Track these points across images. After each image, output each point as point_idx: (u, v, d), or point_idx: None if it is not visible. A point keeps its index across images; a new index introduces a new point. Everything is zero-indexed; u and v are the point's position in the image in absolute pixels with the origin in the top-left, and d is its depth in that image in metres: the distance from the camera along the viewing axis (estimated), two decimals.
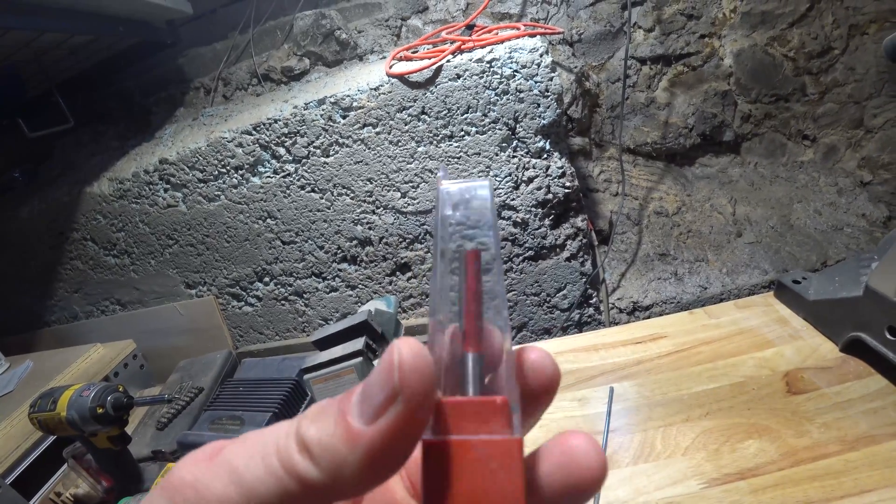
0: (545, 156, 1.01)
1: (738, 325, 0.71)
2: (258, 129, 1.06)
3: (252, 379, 0.77)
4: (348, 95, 1.01)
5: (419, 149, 1.02)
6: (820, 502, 0.48)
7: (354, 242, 1.13)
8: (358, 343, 0.70)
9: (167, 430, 0.87)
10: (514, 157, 1.01)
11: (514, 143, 1.00)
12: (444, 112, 0.99)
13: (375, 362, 0.75)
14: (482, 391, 0.16)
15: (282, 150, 1.07)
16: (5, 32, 0.97)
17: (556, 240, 1.06)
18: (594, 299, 1.12)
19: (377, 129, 1.02)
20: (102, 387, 0.67)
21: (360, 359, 0.69)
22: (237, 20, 1.37)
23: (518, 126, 0.99)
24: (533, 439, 0.17)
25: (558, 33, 1.18)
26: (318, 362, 0.71)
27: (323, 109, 1.02)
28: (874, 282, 0.55)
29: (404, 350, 0.14)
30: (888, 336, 0.55)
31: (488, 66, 0.96)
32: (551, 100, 0.97)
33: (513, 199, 1.04)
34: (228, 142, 1.08)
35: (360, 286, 1.17)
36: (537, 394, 0.18)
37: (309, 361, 0.73)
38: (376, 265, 1.14)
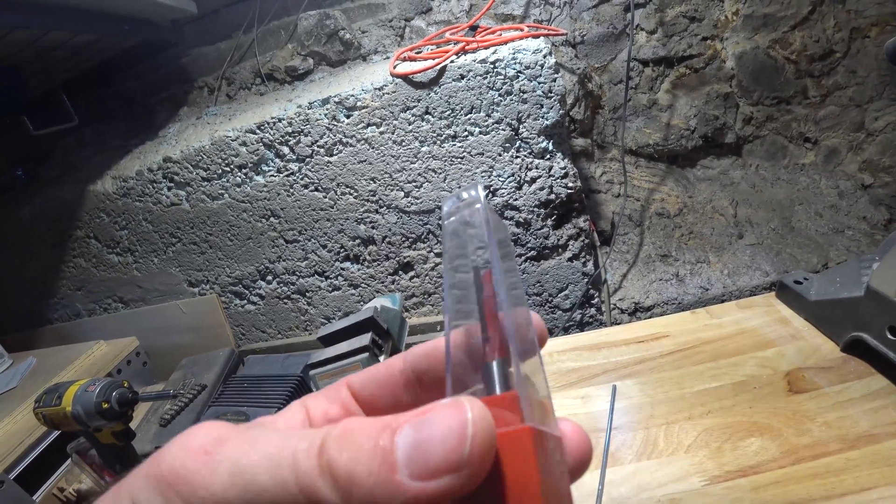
0: (548, 156, 1.02)
1: (740, 324, 0.72)
2: (262, 127, 1.07)
3: (256, 375, 0.77)
4: (352, 95, 1.01)
5: (423, 148, 1.03)
6: (821, 500, 0.48)
7: (357, 241, 1.13)
8: (364, 339, 0.71)
9: (170, 427, 0.88)
10: (517, 157, 1.01)
11: (518, 143, 1.01)
12: (448, 112, 1.00)
13: (381, 357, 0.75)
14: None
15: (285, 149, 1.07)
16: (10, 31, 0.97)
17: (558, 240, 1.07)
18: (596, 300, 1.13)
19: (381, 129, 1.03)
20: (108, 382, 0.67)
21: (366, 354, 0.69)
22: (241, 20, 1.38)
23: (521, 127, 0.99)
24: None
25: (561, 35, 1.19)
26: (324, 358, 0.72)
27: (327, 109, 1.03)
28: (875, 282, 0.56)
29: (478, 420, 0.14)
30: (889, 336, 0.55)
31: (492, 66, 0.96)
32: (554, 101, 0.98)
33: (515, 200, 1.04)
34: (232, 140, 1.09)
35: (362, 285, 1.18)
36: (570, 469, 0.17)
37: (315, 357, 0.73)
38: (379, 264, 1.14)
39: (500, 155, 1.01)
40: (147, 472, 0.14)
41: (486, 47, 0.98)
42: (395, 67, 1.02)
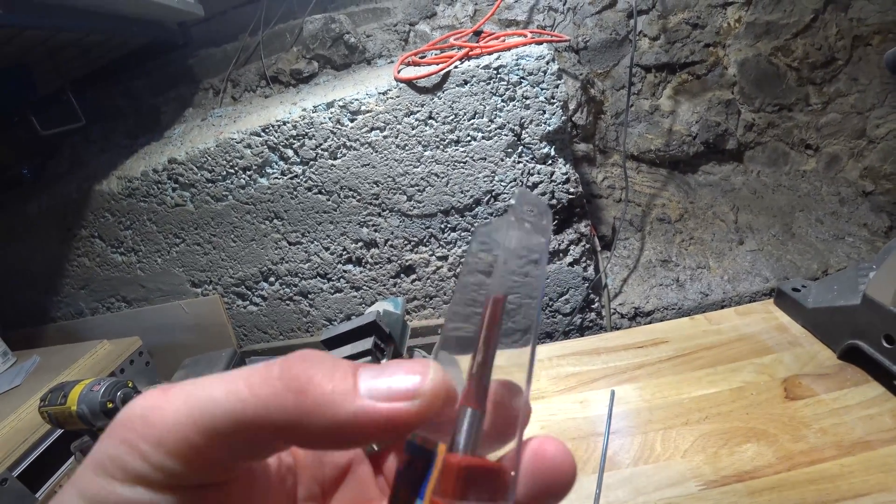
0: (550, 162, 1.02)
1: (738, 331, 0.72)
2: (267, 130, 1.08)
3: None
4: (356, 99, 1.02)
5: (426, 153, 1.04)
6: None
7: (360, 244, 1.14)
8: (367, 343, 0.71)
9: None
10: (519, 162, 1.02)
11: (520, 148, 1.01)
12: (451, 117, 1.00)
13: (383, 361, 0.76)
14: (472, 450, 0.16)
15: (290, 152, 1.08)
16: (23, 31, 0.99)
17: (559, 245, 1.07)
18: (596, 304, 1.13)
19: (384, 133, 1.03)
20: (112, 382, 0.68)
21: (368, 358, 0.70)
22: (247, 22, 1.39)
23: (524, 132, 1.00)
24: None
25: (565, 41, 1.20)
26: None
27: (331, 112, 1.04)
28: (872, 290, 0.56)
29: (441, 371, 0.15)
30: (885, 344, 0.56)
31: (495, 72, 0.97)
32: (557, 107, 0.99)
33: None
34: (237, 143, 1.10)
35: (364, 288, 1.18)
36: (552, 491, 0.17)
37: None
38: (381, 267, 1.15)
39: (502, 160, 1.02)
40: (110, 427, 0.15)
41: (490, 53, 0.99)
42: (399, 72, 1.03)
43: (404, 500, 0.15)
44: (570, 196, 1.04)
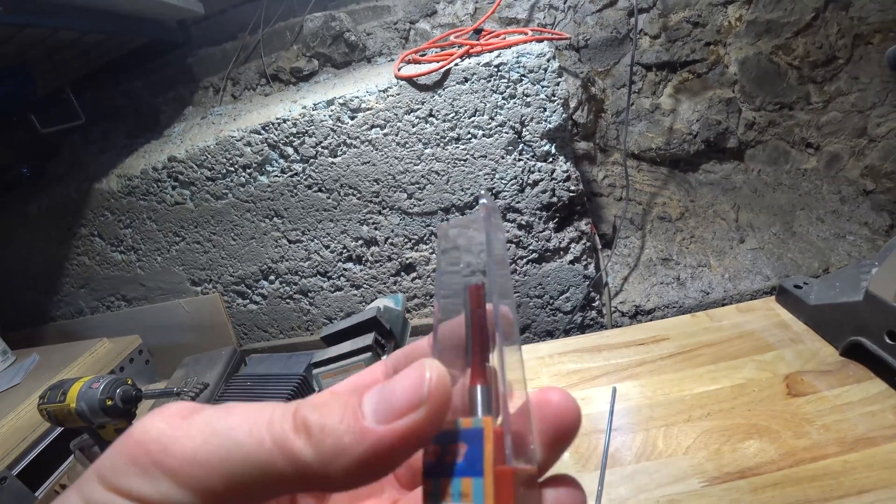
0: (550, 160, 1.02)
1: (740, 328, 0.72)
2: (267, 128, 1.07)
3: (259, 374, 0.78)
4: (357, 97, 1.02)
5: (426, 151, 1.03)
6: (818, 502, 0.49)
7: (360, 242, 1.14)
8: (367, 339, 0.71)
9: None
10: (519, 160, 1.02)
11: (521, 146, 1.01)
12: (452, 115, 1.00)
13: (384, 357, 0.76)
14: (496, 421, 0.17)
15: (290, 150, 1.08)
16: (22, 29, 0.99)
17: (559, 243, 1.07)
18: (597, 302, 1.13)
19: (385, 131, 1.03)
20: (112, 379, 0.68)
21: (369, 354, 0.70)
22: (247, 21, 1.39)
23: (524, 130, 1.00)
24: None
25: (565, 39, 1.20)
26: (328, 357, 0.72)
27: (331, 110, 1.04)
28: (874, 287, 0.56)
29: (435, 370, 0.15)
30: (887, 340, 0.55)
31: (496, 70, 0.97)
32: (557, 104, 0.98)
33: (518, 202, 1.05)
34: (237, 141, 1.10)
35: (364, 286, 1.18)
36: (559, 436, 0.18)
37: (318, 356, 0.74)
38: (381, 265, 1.15)
39: (502, 158, 1.02)
40: (120, 441, 0.15)
41: (490, 51, 0.99)
42: (399, 70, 1.03)
43: (444, 489, 0.16)
44: (571, 194, 1.04)
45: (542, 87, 0.98)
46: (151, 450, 0.14)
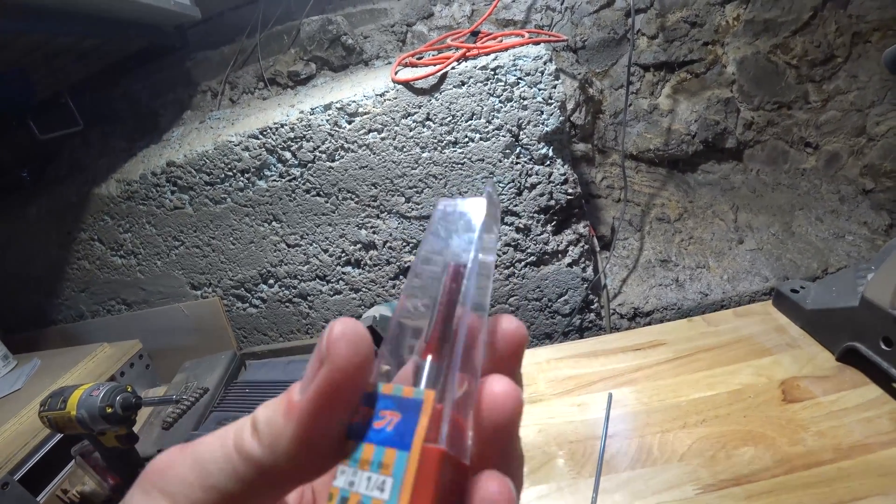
0: (548, 162, 1.02)
1: (737, 332, 0.72)
2: (265, 133, 1.08)
3: (259, 381, 0.78)
4: (354, 101, 1.02)
5: (423, 154, 1.03)
6: None
7: (358, 246, 1.14)
8: None
9: (173, 430, 0.89)
10: (517, 163, 1.02)
11: (518, 149, 1.01)
12: (449, 118, 1.00)
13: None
14: (440, 398, 0.16)
15: (288, 155, 1.08)
16: (19, 36, 0.99)
17: (558, 245, 1.07)
18: (595, 305, 1.13)
19: (382, 135, 1.03)
20: (112, 387, 0.68)
21: None
22: (244, 24, 1.39)
23: (521, 133, 1.00)
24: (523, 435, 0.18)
25: (562, 41, 1.19)
26: None
27: (329, 115, 1.04)
28: (870, 292, 0.56)
29: (335, 323, 0.15)
30: (883, 346, 0.56)
31: (493, 73, 0.97)
32: (555, 107, 0.98)
33: (515, 206, 1.05)
34: (235, 145, 1.10)
35: (363, 289, 1.18)
36: (496, 431, 0.17)
37: None
38: (380, 269, 1.15)
39: (500, 161, 1.02)
40: (139, 477, 0.16)
41: (487, 53, 0.99)
42: (396, 74, 1.03)
43: (365, 455, 0.15)
44: (569, 197, 1.04)
45: (539, 89, 0.98)
46: (153, 477, 0.16)
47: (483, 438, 0.16)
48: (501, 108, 0.99)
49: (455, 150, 1.02)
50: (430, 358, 0.17)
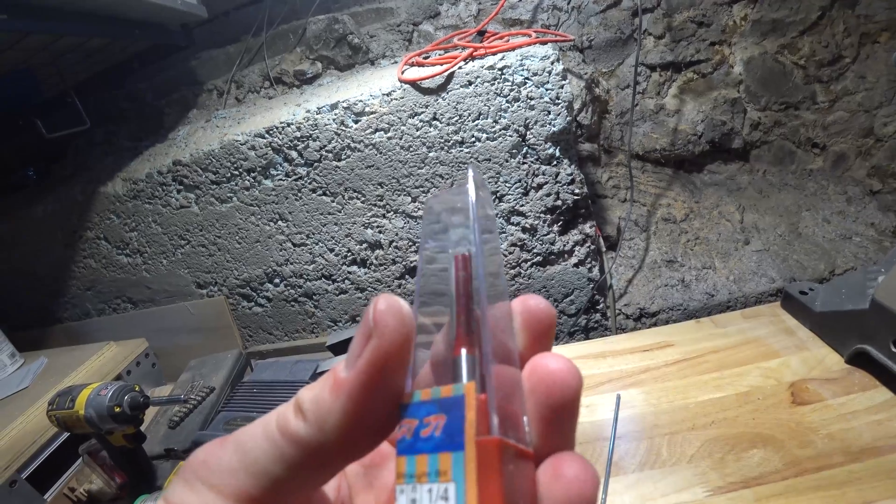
0: (555, 163, 1.02)
1: (745, 334, 0.72)
2: (271, 132, 1.08)
3: (266, 381, 0.78)
4: (360, 100, 1.02)
5: (430, 154, 1.03)
6: None
7: (364, 246, 1.14)
8: None
9: (179, 429, 0.89)
10: (523, 163, 1.02)
11: (525, 149, 1.01)
12: (456, 118, 1.00)
13: None
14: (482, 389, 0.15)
15: (294, 154, 1.08)
16: (25, 36, 0.99)
17: (564, 246, 1.07)
18: (601, 305, 1.13)
19: (389, 134, 1.03)
20: (120, 386, 0.69)
21: None
22: (250, 23, 1.39)
23: (528, 133, 1.00)
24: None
25: (569, 41, 1.19)
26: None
27: (335, 114, 1.04)
28: (881, 295, 0.56)
29: (379, 299, 0.16)
30: (893, 349, 0.55)
31: (500, 73, 0.97)
32: (562, 107, 0.98)
33: (522, 206, 1.05)
34: (241, 144, 1.10)
35: (369, 289, 1.18)
36: (555, 409, 0.16)
37: (324, 366, 0.74)
38: (386, 268, 1.15)
39: (507, 161, 1.02)
40: (180, 470, 0.17)
41: (494, 53, 0.99)
42: (403, 73, 1.03)
43: (419, 468, 0.14)
44: (576, 197, 1.04)
45: (547, 89, 0.98)
46: (196, 468, 0.16)
47: (546, 421, 0.15)
48: (508, 107, 0.99)
49: (462, 150, 1.02)
50: (463, 351, 0.16)
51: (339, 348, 0.73)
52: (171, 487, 0.16)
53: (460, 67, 0.98)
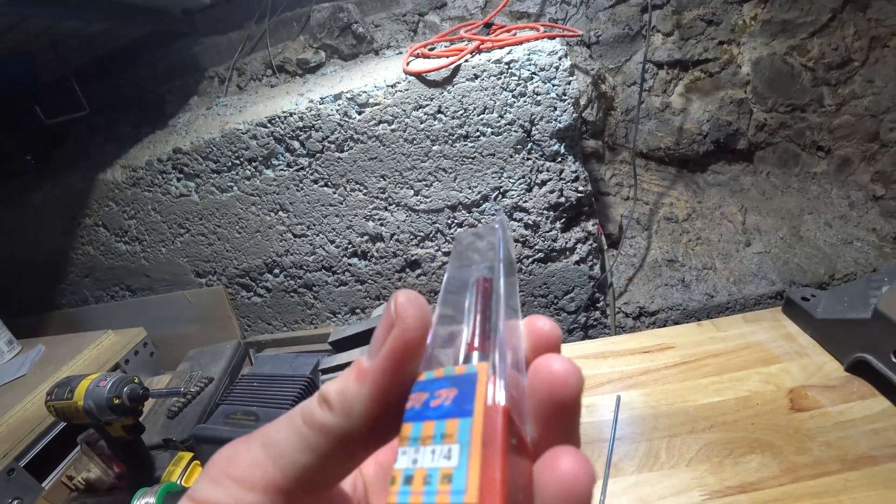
0: (559, 159, 1.01)
1: (746, 339, 0.72)
2: (273, 121, 1.07)
3: (266, 375, 0.78)
4: (364, 91, 1.01)
5: (434, 147, 1.03)
6: None
7: (365, 238, 1.14)
8: None
9: (178, 419, 0.89)
10: (528, 159, 1.01)
11: (529, 145, 1.00)
12: (461, 112, 0.99)
13: None
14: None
15: (296, 144, 1.07)
16: (24, 20, 0.97)
17: (566, 243, 1.07)
18: (601, 303, 1.13)
19: (392, 127, 1.02)
20: (119, 378, 0.69)
21: None
22: (253, 10, 1.37)
23: (534, 129, 0.99)
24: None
25: (577, 35, 1.18)
26: (337, 364, 0.72)
27: (338, 104, 1.03)
28: (883, 305, 0.56)
29: (399, 293, 0.17)
30: (894, 359, 0.55)
31: (506, 67, 0.96)
32: (568, 104, 0.97)
33: (525, 202, 1.04)
34: (243, 133, 1.09)
35: (369, 281, 1.18)
36: (554, 407, 0.16)
37: (327, 362, 0.74)
38: (386, 261, 1.15)
39: (511, 156, 1.01)
40: (203, 472, 0.17)
41: (501, 47, 0.98)
42: (408, 64, 1.01)
43: (425, 432, 0.14)
44: (579, 194, 1.04)
45: (553, 85, 0.97)
46: (221, 464, 0.17)
47: (547, 420, 0.15)
48: (514, 102, 0.98)
49: (466, 144, 1.02)
50: (476, 349, 0.17)
51: (342, 345, 0.73)
52: (197, 485, 0.17)
53: (466, 60, 0.97)
